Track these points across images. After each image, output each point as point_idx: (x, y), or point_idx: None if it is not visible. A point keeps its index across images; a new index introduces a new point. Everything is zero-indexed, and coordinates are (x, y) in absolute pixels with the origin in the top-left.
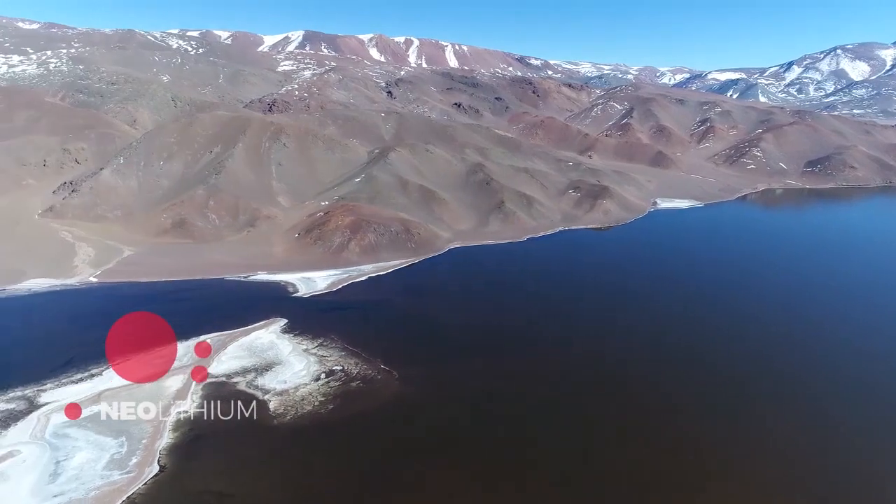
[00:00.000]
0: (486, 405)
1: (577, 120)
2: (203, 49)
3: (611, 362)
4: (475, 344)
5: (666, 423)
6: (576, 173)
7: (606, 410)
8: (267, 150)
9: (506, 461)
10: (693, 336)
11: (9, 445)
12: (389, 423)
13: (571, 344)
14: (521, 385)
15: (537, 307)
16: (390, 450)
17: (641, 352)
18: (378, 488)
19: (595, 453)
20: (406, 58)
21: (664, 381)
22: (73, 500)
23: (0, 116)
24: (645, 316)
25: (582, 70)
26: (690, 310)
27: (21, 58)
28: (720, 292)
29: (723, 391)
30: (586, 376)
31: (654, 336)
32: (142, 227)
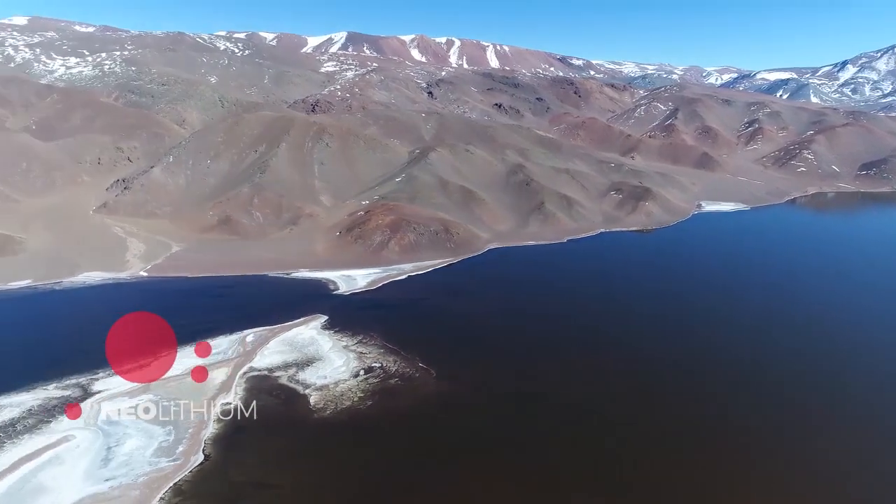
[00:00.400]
0: (523, 406)
1: (620, 121)
2: (249, 50)
3: (650, 368)
4: (513, 344)
5: (704, 433)
6: (618, 175)
7: (642, 416)
8: (310, 149)
9: (541, 463)
10: (738, 345)
11: (64, 430)
12: (427, 421)
13: (611, 347)
14: (557, 387)
15: (577, 309)
16: (426, 447)
17: (683, 358)
18: (413, 485)
19: (626, 458)
20: (447, 58)
21: (705, 390)
22: (124, 485)
23: (59, 116)
24: (688, 320)
25: (625, 70)
26: (736, 316)
27: (78, 60)
28: (769, 300)
29: (770, 405)
30: (624, 381)
31: (698, 342)
32: (189, 223)
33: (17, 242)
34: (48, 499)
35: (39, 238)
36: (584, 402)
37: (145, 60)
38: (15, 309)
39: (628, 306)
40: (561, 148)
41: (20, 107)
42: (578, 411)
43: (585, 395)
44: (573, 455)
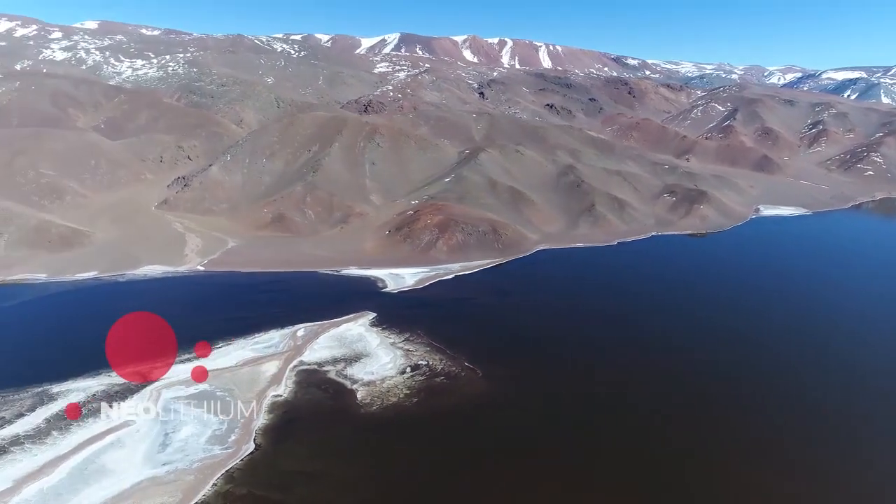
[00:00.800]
0: (569, 408)
1: (675, 122)
2: (305, 52)
3: (701, 374)
4: (560, 346)
5: (758, 444)
6: (672, 177)
7: (688, 422)
8: (361, 149)
9: (583, 466)
10: (792, 356)
11: (126, 415)
12: (471, 420)
13: (661, 351)
14: (606, 390)
15: (627, 312)
16: (470, 446)
17: (736, 366)
18: (455, 482)
19: (667, 464)
20: (499, 59)
21: (756, 400)
22: (179, 470)
23: (125, 116)
24: (742, 327)
25: (682, 70)
26: (792, 326)
27: (144, 62)
28: (831, 310)
29: (824, 421)
30: (673, 386)
31: (752, 349)
32: (244, 220)
33: (86, 236)
34: (109, 480)
35: (105, 232)
36: (632, 406)
37: (206, 62)
38: (82, 299)
39: (680, 310)
40: (613, 149)
41: (90, 107)
42: (626, 415)
43: (634, 399)
44: (616, 459)
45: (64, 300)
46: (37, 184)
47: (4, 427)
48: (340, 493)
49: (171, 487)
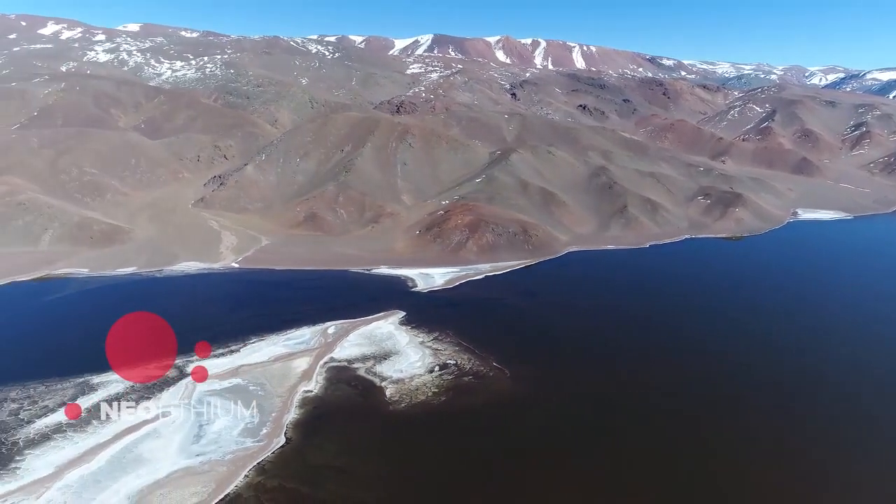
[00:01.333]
0: (595, 411)
1: (711, 123)
2: (339, 53)
3: (731, 378)
4: (589, 348)
5: (789, 453)
6: (706, 179)
7: (718, 427)
8: (393, 149)
9: (609, 469)
10: (832, 366)
11: (162, 406)
12: (498, 420)
13: (692, 355)
14: (631, 393)
15: (658, 315)
16: (497, 445)
17: (767, 372)
18: (481, 481)
19: (696, 469)
20: (532, 59)
21: (793, 411)
22: (213, 461)
23: (164, 116)
24: (777, 334)
25: (719, 70)
26: (829, 334)
27: (182, 63)
28: (870, 319)
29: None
30: (703, 389)
31: (784, 357)
32: (278, 219)
33: (125, 232)
34: (146, 469)
35: (144, 229)
36: (661, 410)
37: (243, 63)
38: (122, 293)
39: (713, 315)
40: (647, 150)
41: (131, 107)
42: (653, 418)
43: (664, 403)
44: (643, 464)
45: (104, 294)
46: (80, 182)
47: (48, 415)
48: (368, 488)
49: (204, 478)
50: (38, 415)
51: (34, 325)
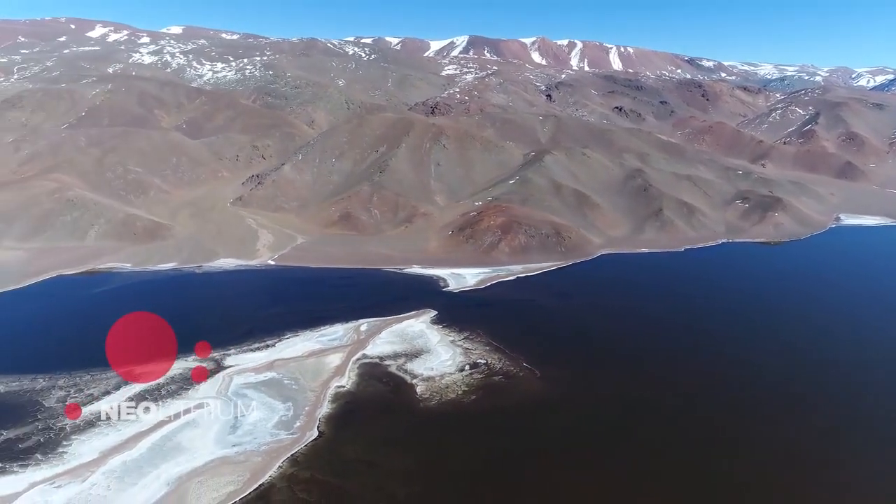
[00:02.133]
0: (626, 414)
1: (752, 126)
2: (375, 55)
3: (765, 386)
4: (620, 351)
5: (813, 461)
6: (745, 183)
7: (747, 435)
8: (427, 150)
9: (636, 473)
10: (874, 379)
11: (200, 397)
12: (527, 419)
13: (725, 361)
14: (663, 398)
15: (692, 319)
16: (525, 445)
17: (804, 381)
18: (508, 479)
19: (722, 475)
20: (568, 61)
21: (831, 426)
22: (248, 451)
23: (205, 116)
24: (817, 343)
25: (761, 72)
26: (872, 346)
27: (223, 65)
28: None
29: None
30: (735, 397)
31: (818, 370)
32: (313, 218)
33: (167, 229)
34: (185, 457)
35: (184, 226)
36: (689, 415)
37: (281, 65)
38: (163, 288)
39: (748, 320)
40: (684, 153)
41: (174, 108)
42: (683, 423)
43: (693, 408)
44: (671, 468)
45: (147, 288)
46: (124, 180)
47: (92, 403)
48: (398, 482)
49: (240, 467)
50: (83, 402)
51: (81, 317)
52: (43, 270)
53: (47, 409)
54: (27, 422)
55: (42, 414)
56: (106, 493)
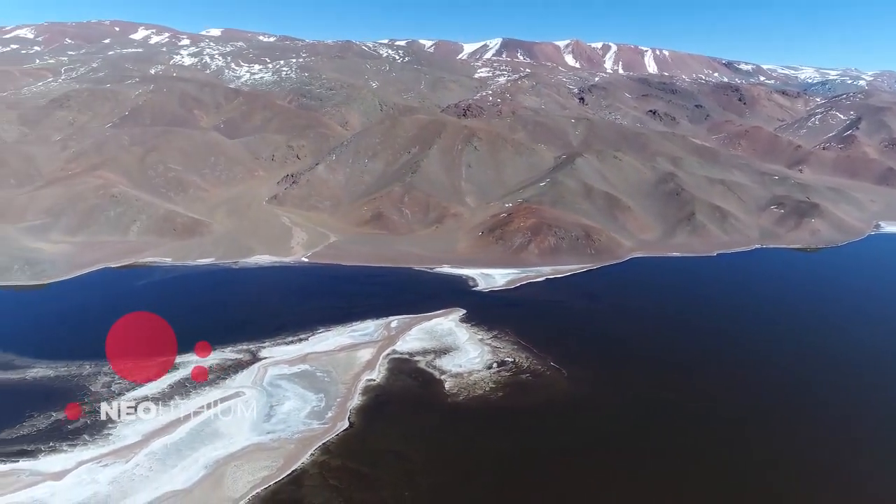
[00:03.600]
0: (650, 416)
1: (790, 130)
2: (409, 57)
3: (795, 391)
4: (647, 354)
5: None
6: (781, 188)
7: (776, 438)
8: (459, 152)
9: (658, 474)
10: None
11: (237, 387)
12: (553, 418)
13: (755, 366)
14: (693, 399)
15: (722, 324)
16: (550, 443)
17: (837, 397)
18: (533, 475)
19: (751, 480)
20: (602, 63)
21: (861, 437)
22: (282, 439)
23: (242, 117)
24: (850, 352)
25: (801, 76)
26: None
27: (260, 66)
28: None
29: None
30: (763, 401)
31: (849, 381)
32: (346, 217)
33: (205, 226)
34: (222, 442)
35: (222, 223)
36: (717, 420)
37: (317, 67)
38: (201, 282)
39: (779, 327)
40: (718, 157)
41: (212, 108)
42: (708, 428)
43: (718, 410)
44: (694, 470)
45: (186, 282)
46: (165, 177)
47: (135, 389)
48: (425, 473)
49: (274, 454)
50: (127, 388)
51: (125, 308)
52: (89, 263)
53: (94, 394)
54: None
55: (89, 398)
56: (148, 473)
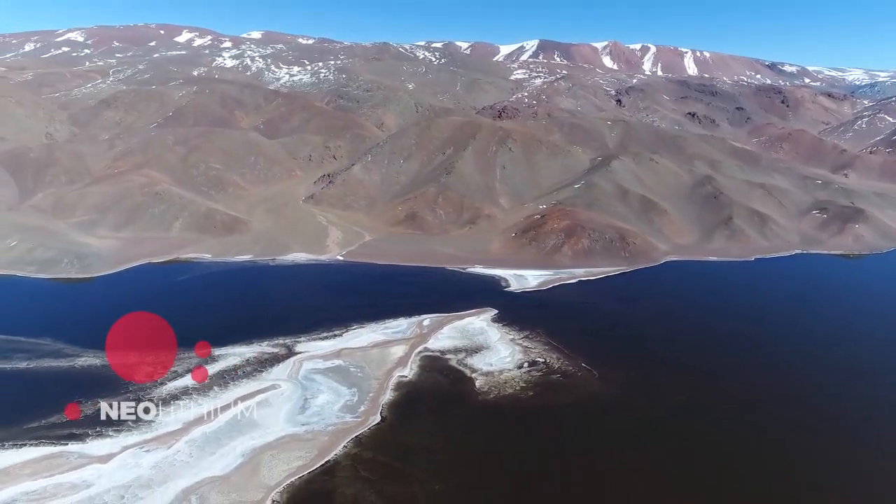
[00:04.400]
0: (680, 419)
1: (835, 134)
2: (445, 59)
3: (829, 403)
4: (680, 359)
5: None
6: (824, 193)
7: (806, 448)
8: (493, 153)
9: (682, 473)
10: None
11: (273, 379)
12: (582, 417)
13: (790, 373)
14: (724, 405)
15: (759, 330)
16: (579, 442)
17: (871, 401)
18: (561, 475)
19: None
20: (640, 65)
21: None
22: (316, 431)
23: (281, 117)
24: (886, 365)
25: (849, 78)
26: None
27: (299, 68)
28: None
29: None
30: (799, 411)
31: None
32: (381, 216)
33: (244, 223)
34: (258, 432)
35: (260, 221)
36: (752, 426)
37: (354, 69)
38: (240, 278)
39: (819, 334)
40: (758, 161)
41: (252, 109)
42: (738, 432)
43: (756, 420)
44: (723, 475)
45: (225, 278)
46: (206, 176)
47: (177, 379)
48: (454, 469)
49: (308, 444)
50: (168, 378)
51: (166, 302)
52: (133, 258)
53: (137, 384)
54: (120, 392)
55: (133, 386)
56: (188, 459)
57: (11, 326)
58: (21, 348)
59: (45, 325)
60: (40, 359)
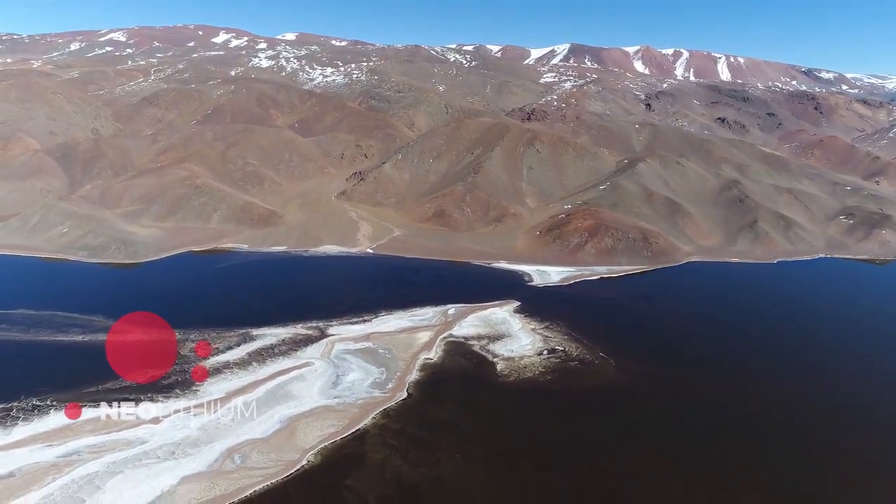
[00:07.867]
0: (693, 411)
1: (869, 141)
2: (476, 62)
3: (843, 405)
4: (697, 355)
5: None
6: (853, 199)
7: (819, 448)
8: (521, 154)
9: (693, 468)
10: None
11: (307, 358)
12: (598, 403)
13: (807, 374)
14: (737, 400)
15: (777, 331)
16: (593, 425)
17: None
18: (574, 453)
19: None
20: (672, 70)
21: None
22: (347, 403)
23: (315, 117)
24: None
25: (889, 85)
26: None
27: (332, 70)
28: None
29: None
30: (814, 411)
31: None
32: (410, 213)
33: (279, 217)
34: (294, 402)
35: (294, 215)
36: (766, 426)
37: (386, 70)
38: (275, 267)
39: (838, 338)
40: (788, 166)
41: (287, 108)
42: (757, 432)
43: (772, 418)
44: (731, 466)
45: (261, 267)
46: (243, 171)
47: (218, 355)
48: (475, 441)
49: (340, 415)
50: (211, 353)
51: (208, 287)
52: (175, 246)
53: (183, 357)
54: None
55: (179, 360)
56: (231, 423)
57: (68, 304)
58: (77, 324)
59: (98, 304)
60: (94, 333)
